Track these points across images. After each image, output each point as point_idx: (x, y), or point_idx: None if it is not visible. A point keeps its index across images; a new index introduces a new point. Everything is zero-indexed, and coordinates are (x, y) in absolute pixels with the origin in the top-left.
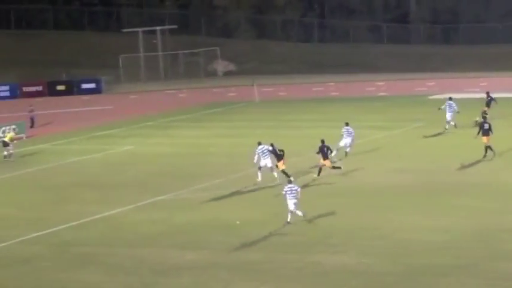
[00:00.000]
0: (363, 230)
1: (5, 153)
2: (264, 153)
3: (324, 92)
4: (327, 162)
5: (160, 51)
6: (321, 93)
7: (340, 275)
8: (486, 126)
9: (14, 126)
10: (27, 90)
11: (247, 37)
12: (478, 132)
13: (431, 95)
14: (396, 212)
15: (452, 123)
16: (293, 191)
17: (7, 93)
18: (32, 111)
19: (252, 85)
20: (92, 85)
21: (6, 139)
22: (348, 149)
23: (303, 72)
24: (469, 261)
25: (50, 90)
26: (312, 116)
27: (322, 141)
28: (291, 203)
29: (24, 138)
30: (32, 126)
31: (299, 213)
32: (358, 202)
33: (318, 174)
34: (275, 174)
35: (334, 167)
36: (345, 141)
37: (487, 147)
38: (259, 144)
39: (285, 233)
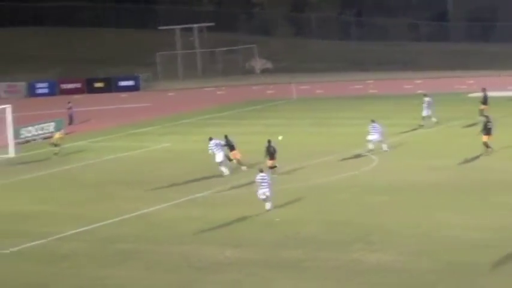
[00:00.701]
0: (403, 227)
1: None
2: (217, 147)
3: (362, 89)
4: (270, 163)
5: (197, 49)
6: (359, 91)
7: (380, 273)
8: (490, 125)
9: (62, 130)
10: (65, 87)
11: (285, 35)
12: (481, 130)
13: (470, 93)
14: (436, 209)
15: (434, 119)
16: (264, 180)
17: (46, 90)
18: (70, 108)
19: (290, 83)
20: (130, 82)
21: (53, 141)
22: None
23: (340, 70)
24: (511, 260)
25: (88, 88)
26: (350, 114)
27: (269, 142)
28: (261, 192)
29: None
30: (70, 123)
31: (268, 205)
32: (397, 200)
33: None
34: (222, 169)
35: (272, 167)
36: (372, 137)
37: (486, 144)
38: (211, 139)
39: (324, 231)
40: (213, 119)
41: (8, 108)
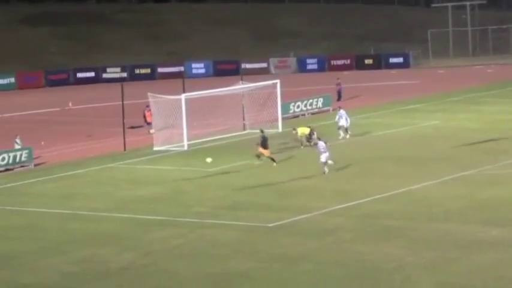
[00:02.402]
0: None
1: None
2: (341, 117)
3: None
4: (262, 151)
5: (469, 27)
6: None
7: None
8: None
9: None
10: (335, 63)
11: None
12: None
13: None
14: None
15: None
16: (323, 147)
17: (315, 66)
18: (339, 84)
19: None
20: (400, 59)
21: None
22: None
23: None
24: None
25: (358, 64)
26: None
27: (262, 131)
28: (324, 156)
29: (330, 111)
30: (338, 100)
31: (330, 162)
32: None
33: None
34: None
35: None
36: None
37: None
38: (340, 108)
39: None
40: (482, 97)
41: (278, 83)
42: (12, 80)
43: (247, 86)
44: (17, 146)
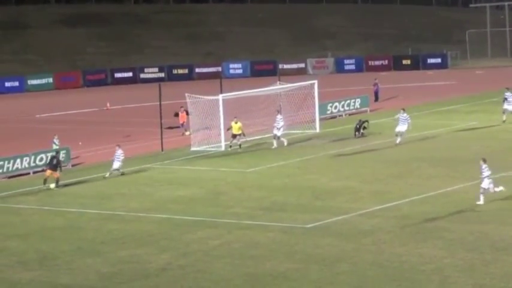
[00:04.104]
0: None
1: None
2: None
3: None
4: (48, 172)
5: (507, 27)
6: None
7: None
8: None
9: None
10: (372, 64)
11: None
12: None
13: None
14: None
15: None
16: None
17: (353, 67)
18: (376, 85)
19: None
20: (438, 60)
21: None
22: (399, 138)
23: None
24: None
25: (395, 65)
26: None
27: (57, 152)
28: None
29: (368, 111)
30: (376, 100)
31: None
32: None
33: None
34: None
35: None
36: (400, 127)
37: None
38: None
39: None
40: None
41: (315, 84)
42: (50, 80)
43: (285, 87)
44: (54, 146)
